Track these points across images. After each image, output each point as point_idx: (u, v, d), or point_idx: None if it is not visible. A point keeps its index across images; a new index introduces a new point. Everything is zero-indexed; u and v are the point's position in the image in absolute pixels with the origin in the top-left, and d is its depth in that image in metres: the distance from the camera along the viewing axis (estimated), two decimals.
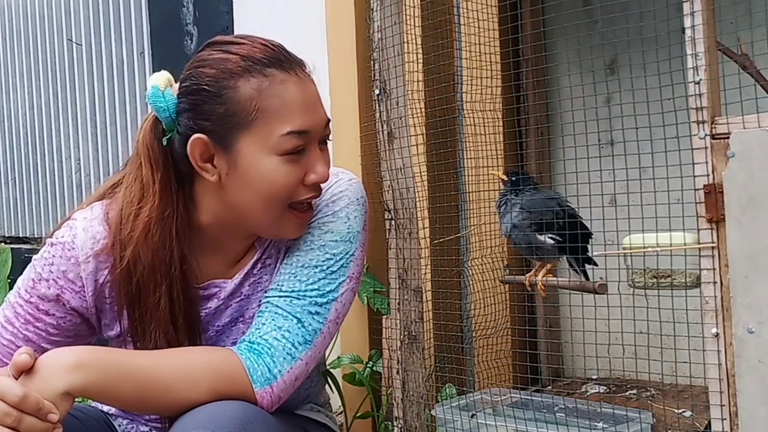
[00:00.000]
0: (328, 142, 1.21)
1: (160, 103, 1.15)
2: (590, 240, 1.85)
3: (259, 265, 1.25)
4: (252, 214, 1.16)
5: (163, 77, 1.18)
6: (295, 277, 1.18)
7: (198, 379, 1.08)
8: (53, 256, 1.19)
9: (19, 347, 1.11)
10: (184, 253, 1.19)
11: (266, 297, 1.19)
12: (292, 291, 1.17)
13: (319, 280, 1.18)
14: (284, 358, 1.13)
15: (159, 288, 1.17)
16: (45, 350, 1.12)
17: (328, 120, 1.19)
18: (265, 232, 1.21)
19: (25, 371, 1.02)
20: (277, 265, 1.24)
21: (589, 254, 1.86)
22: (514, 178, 1.90)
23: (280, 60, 1.14)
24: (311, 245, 1.20)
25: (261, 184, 1.13)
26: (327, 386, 1.57)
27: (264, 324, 1.15)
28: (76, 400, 1.05)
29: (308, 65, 1.20)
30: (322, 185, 1.21)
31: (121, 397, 1.06)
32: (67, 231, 1.20)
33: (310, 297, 1.17)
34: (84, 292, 1.19)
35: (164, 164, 1.17)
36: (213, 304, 1.24)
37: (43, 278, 1.19)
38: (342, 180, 1.25)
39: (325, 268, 1.19)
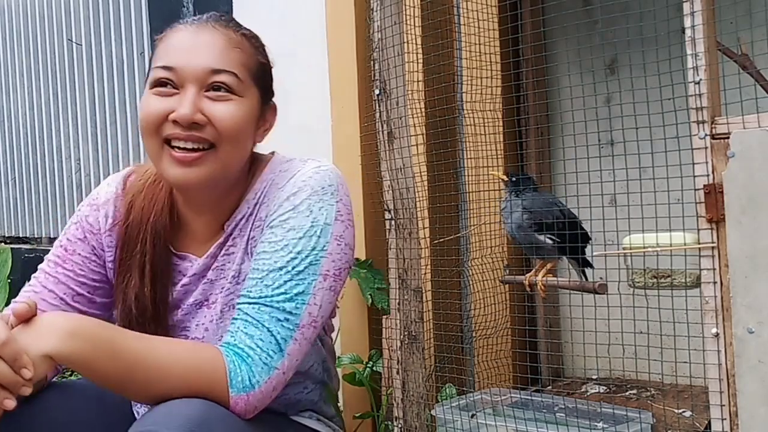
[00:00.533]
0: (223, 91, 1.21)
1: None
2: (589, 241, 1.86)
3: (223, 251, 1.27)
4: (148, 152, 1.24)
5: None
6: (262, 282, 1.17)
7: (177, 373, 1.09)
8: (82, 206, 1.36)
9: (50, 290, 1.29)
10: (170, 216, 1.30)
11: (238, 303, 1.19)
12: (260, 297, 1.16)
13: (285, 282, 1.15)
14: (261, 368, 1.12)
15: (144, 240, 1.27)
16: (75, 294, 1.30)
17: (217, 69, 1.21)
18: (163, 175, 1.25)
19: (24, 321, 1.05)
20: (239, 255, 1.26)
21: (588, 258, 1.88)
22: (514, 179, 1.91)
23: (195, 19, 1.27)
24: (275, 246, 1.18)
25: (140, 117, 1.23)
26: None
27: (238, 330, 1.15)
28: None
29: (236, 30, 1.30)
30: (286, 172, 1.24)
31: (103, 375, 1.07)
32: (97, 187, 1.38)
33: (278, 302, 1.15)
34: (100, 235, 1.33)
35: None
36: (184, 280, 1.29)
37: (72, 224, 1.35)
38: (305, 170, 1.23)
39: (290, 269, 1.16)
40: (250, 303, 1.16)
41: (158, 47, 1.26)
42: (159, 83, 1.20)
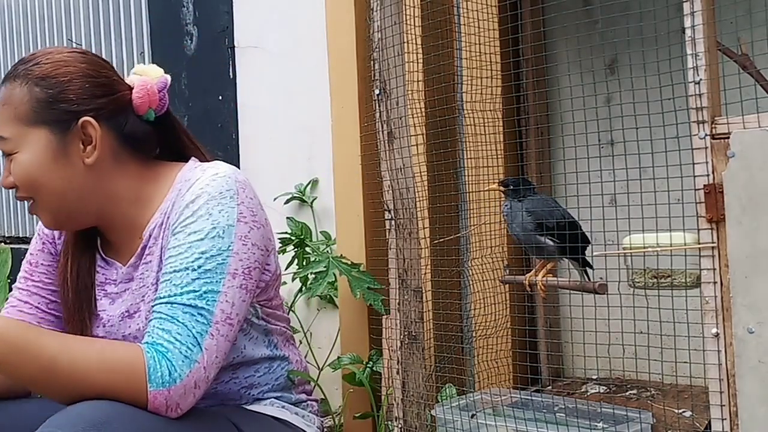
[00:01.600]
0: (11, 154, 1.28)
1: None
2: (588, 245, 1.87)
3: (142, 260, 1.31)
4: None
5: None
6: (171, 282, 1.20)
7: (93, 372, 1.10)
8: None
9: (25, 302, 1.38)
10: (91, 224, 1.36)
11: (153, 306, 1.21)
12: (170, 296, 1.19)
13: (194, 281, 1.18)
14: (183, 361, 1.14)
15: (69, 249, 1.36)
16: (48, 302, 1.39)
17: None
18: None
19: None
20: (156, 263, 1.29)
21: (588, 259, 1.88)
22: (512, 186, 1.89)
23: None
24: (179, 249, 1.21)
25: None
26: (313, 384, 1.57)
27: (154, 328, 1.18)
28: None
29: (4, 89, 1.31)
30: (188, 181, 1.28)
31: (21, 376, 1.11)
32: None
33: (189, 299, 1.17)
34: (55, 244, 1.42)
35: None
36: (111, 288, 1.36)
37: (35, 236, 1.44)
38: (203, 177, 1.26)
39: (196, 267, 1.19)
40: (162, 302, 1.19)
41: None
42: None
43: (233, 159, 2.93)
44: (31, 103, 1.27)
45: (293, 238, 2.49)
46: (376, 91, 1.91)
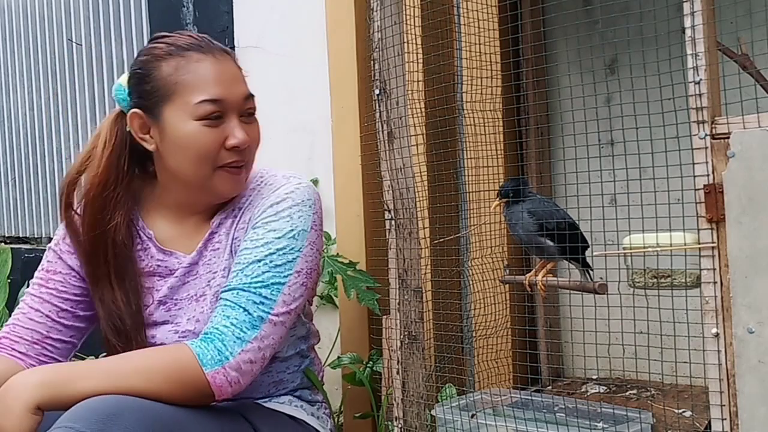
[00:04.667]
0: (253, 114, 1.38)
1: (120, 96, 1.38)
2: (587, 249, 1.87)
3: (210, 247, 1.38)
4: (185, 175, 1.33)
5: (125, 76, 1.39)
6: (242, 272, 1.29)
7: (153, 371, 1.18)
8: (60, 225, 1.45)
9: (36, 309, 1.39)
10: (133, 219, 1.39)
11: (221, 294, 1.30)
12: (239, 285, 1.28)
13: (263, 273, 1.28)
14: (234, 342, 1.22)
15: (105, 251, 1.36)
16: (60, 310, 1.39)
17: (249, 95, 1.36)
18: (205, 194, 1.36)
19: None
20: (226, 251, 1.37)
21: (588, 262, 1.88)
22: (511, 195, 1.86)
23: (199, 45, 1.34)
24: (256, 243, 1.31)
25: (186, 147, 1.31)
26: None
27: (215, 317, 1.27)
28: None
29: (233, 54, 1.41)
30: (271, 185, 1.36)
31: (83, 395, 1.14)
32: None
33: (255, 288, 1.27)
34: (72, 250, 1.41)
35: (117, 145, 1.37)
36: (172, 278, 1.39)
37: (51, 244, 1.44)
38: (290, 184, 1.36)
39: (268, 262, 1.28)
40: (230, 290, 1.29)
41: (183, 76, 1.31)
42: (210, 116, 1.30)
43: None
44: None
45: None
46: (376, 91, 1.91)
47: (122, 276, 1.37)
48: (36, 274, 1.44)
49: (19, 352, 1.37)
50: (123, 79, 1.39)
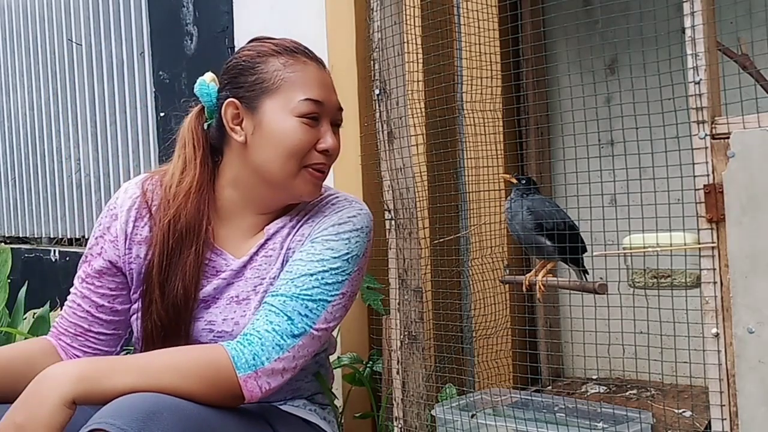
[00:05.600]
0: (340, 127, 1.42)
1: (204, 91, 1.40)
2: (585, 252, 1.88)
3: (262, 252, 1.38)
4: (271, 169, 1.34)
5: (209, 75, 1.43)
6: (292, 282, 1.30)
7: (187, 371, 1.18)
8: (102, 217, 1.43)
9: (78, 304, 1.40)
10: (210, 219, 1.39)
11: (265, 299, 1.31)
12: (287, 293, 1.29)
13: (313, 287, 1.30)
14: (273, 348, 1.24)
15: (191, 245, 1.36)
16: (98, 306, 1.39)
17: (341, 107, 1.42)
18: (283, 193, 1.37)
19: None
20: (278, 260, 1.37)
21: (585, 266, 1.89)
22: (524, 181, 1.92)
23: (305, 51, 1.40)
24: (312, 257, 1.33)
25: (280, 141, 1.33)
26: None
27: (258, 320, 1.27)
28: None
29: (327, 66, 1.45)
30: (334, 206, 1.40)
31: (119, 391, 1.13)
32: (114, 197, 1.45)
33: (302, 300, 1.29)
34: (117, 242, 1.40)
35: (204, 145, 1.41)
36: (217, 279, 1.38)
37: (93, 237, 1.43)
38: (353, 208, 1.40)
39: (320, 278, 1.31)
40: (276, 297, 1.29)
41: (291, 74, 1.35)
42: (310, 115, 1.35)
43: None
44: None
45: None
46: (376, 91, 1.91)
47: (194, 268, 1.38)
48: (80, 266, 1.45)
49: (66, 342, 1.41)
50: (207, 76, 1.42)
